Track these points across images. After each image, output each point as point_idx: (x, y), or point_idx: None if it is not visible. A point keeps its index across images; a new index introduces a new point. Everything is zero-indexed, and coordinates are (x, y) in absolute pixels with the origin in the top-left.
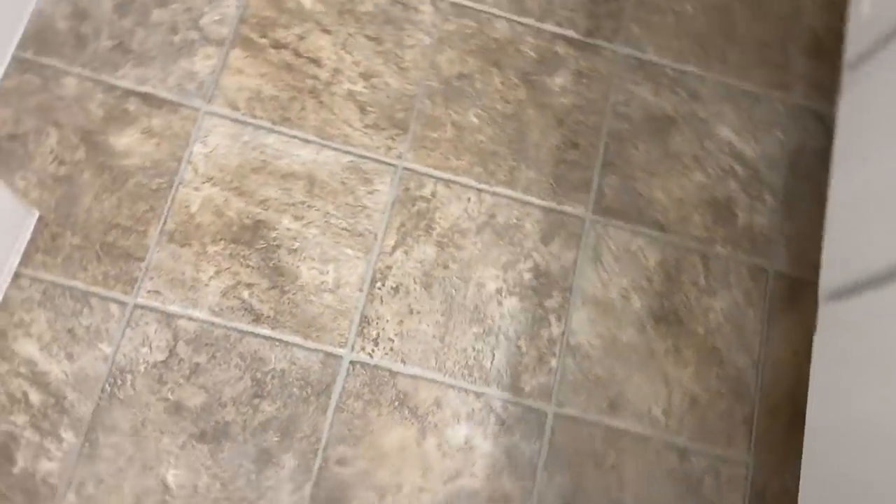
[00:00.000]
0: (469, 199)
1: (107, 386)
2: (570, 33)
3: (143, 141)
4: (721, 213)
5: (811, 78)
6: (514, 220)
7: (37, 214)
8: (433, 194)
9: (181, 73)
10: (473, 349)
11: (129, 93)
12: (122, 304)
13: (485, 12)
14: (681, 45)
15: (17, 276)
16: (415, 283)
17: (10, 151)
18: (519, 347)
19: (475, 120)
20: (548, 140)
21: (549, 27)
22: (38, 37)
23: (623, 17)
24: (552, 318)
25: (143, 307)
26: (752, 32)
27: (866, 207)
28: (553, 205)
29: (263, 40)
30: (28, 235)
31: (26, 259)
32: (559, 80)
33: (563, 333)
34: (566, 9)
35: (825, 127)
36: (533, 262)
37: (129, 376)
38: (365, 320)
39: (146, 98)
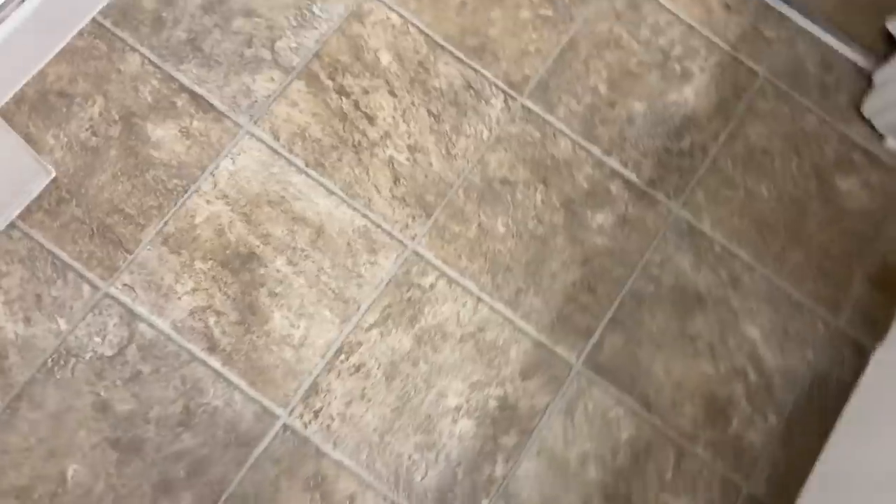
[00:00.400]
0: (465, 304)
1: (49, 361)
2: (632, 176)
3: (178, 139)
4: (716, 413)
5: (865, 307)
6: (501, 342)
7: (53, 175)
8: (431, 286)
9: (240, 86)
10: (409, 458)
11: (183, 88)
12: (95, 288)
13: (552, 126)
14: (741, 225)
15: (11, 226)
16: (378, 368)
17: (53, 107)
18: (455, 474)
19: (502, 229)
20: (566, 274)
21: (612, 163)
22: (122, 8)
23: (692, 178)
24: (500, 457)
25: (112, 298)
26: (821, 238)
27: (850, 484)
28: (546, 341)
29: (329, 82)
30: (36, 192)
31: (26, 214)
32: (601, 219)
33: (505, 477)
34: (637, 150)
35: (861, 363)
36: (503, 392)
37: (73, 360)
38: (314, 388)
39: (197, 99)
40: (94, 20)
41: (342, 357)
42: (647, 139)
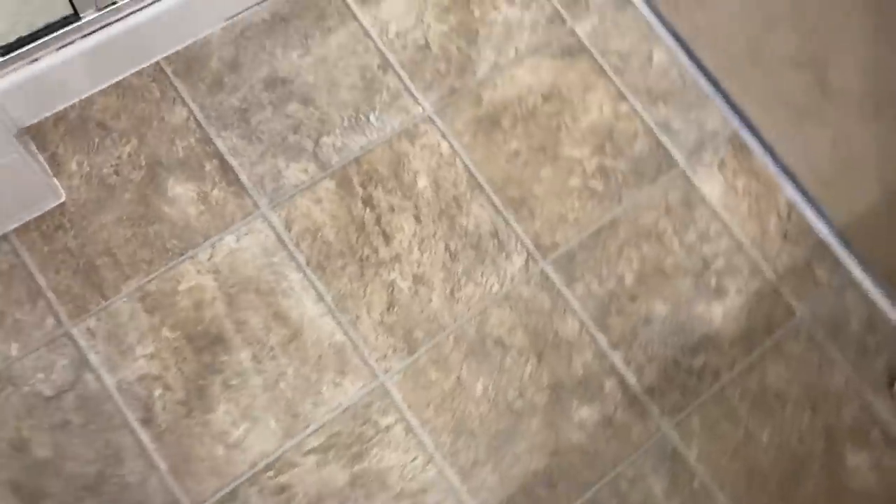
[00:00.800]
0: (415, 459)
1: None
2: (631, 378)
3: (193, 202)
4: None
5: None
6: None
7: (62, 199)
8: (387, 428)
9: (271, 168)
10: None
11: (216, 154)
12: (59, 323)
13: (566, 301)
14: (729, 466)
15: (4, 237)
16: (303, 497)
17: (87, 134)
18: None
19: (480, 390)
20: (531, 461)
21: (615, 358)
22: (188, 61)
23: (693, 401)
24: None
25: (71, 338)
26: None
27: None
28: None
29: (360, 189)
30: (40, 212)
31: (23, 230)
32: (585, 414)
33: None
34: (645, 353)
35: None
36: None
37: (10, 388)
38: (232, 496)
39: (226, 168)
40: (156, 63)
41: (271, 473)
42: (658, 345)
